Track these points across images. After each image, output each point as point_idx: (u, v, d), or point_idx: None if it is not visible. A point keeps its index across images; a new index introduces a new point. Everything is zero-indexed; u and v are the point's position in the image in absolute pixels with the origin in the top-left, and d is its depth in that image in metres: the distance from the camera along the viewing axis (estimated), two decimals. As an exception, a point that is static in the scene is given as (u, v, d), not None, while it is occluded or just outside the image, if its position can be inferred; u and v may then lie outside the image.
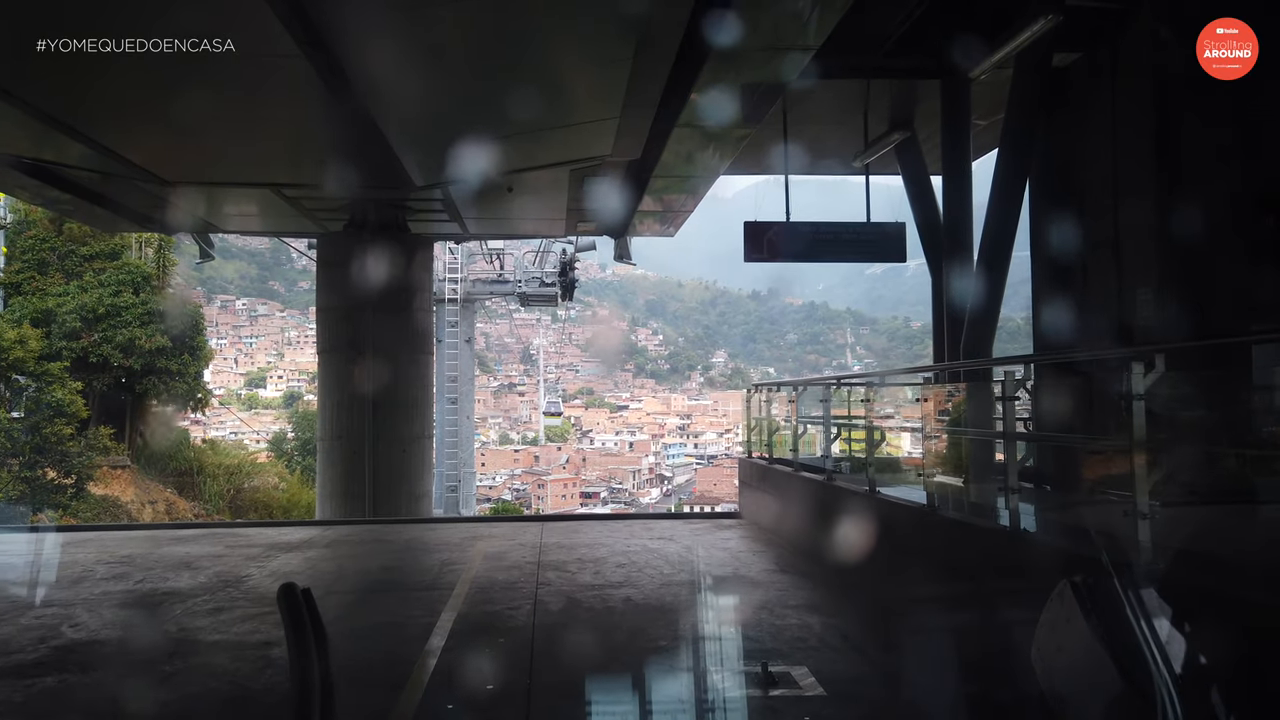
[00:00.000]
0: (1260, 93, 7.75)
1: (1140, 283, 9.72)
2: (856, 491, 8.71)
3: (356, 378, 15.40)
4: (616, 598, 7.95)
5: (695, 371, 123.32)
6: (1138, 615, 3.14)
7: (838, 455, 10.68)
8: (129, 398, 26.84)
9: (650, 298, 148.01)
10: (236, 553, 10.25)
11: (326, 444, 16.56)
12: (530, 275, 33.49)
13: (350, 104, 8.88)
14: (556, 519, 14.48)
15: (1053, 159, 11.18)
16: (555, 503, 74.65)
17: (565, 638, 6.85)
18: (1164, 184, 9.49)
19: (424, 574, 9.29)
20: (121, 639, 6.82)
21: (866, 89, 12.84)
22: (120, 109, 9.59)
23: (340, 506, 15.84)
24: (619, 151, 11.10)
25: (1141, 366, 4.54)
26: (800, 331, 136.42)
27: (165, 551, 10.33)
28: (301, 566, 9.49)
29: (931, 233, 13.32)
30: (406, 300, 16.19)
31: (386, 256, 15.48)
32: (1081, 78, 10.78)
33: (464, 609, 7.52)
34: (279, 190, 13.10)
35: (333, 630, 6.90)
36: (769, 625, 7.03)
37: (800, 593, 8.26)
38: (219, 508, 28.34)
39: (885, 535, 7.85)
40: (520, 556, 9.90)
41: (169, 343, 26.36)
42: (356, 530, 12.47)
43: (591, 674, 5.82)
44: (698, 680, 5.61)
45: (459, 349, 33.45)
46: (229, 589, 8.33)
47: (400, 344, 16.23)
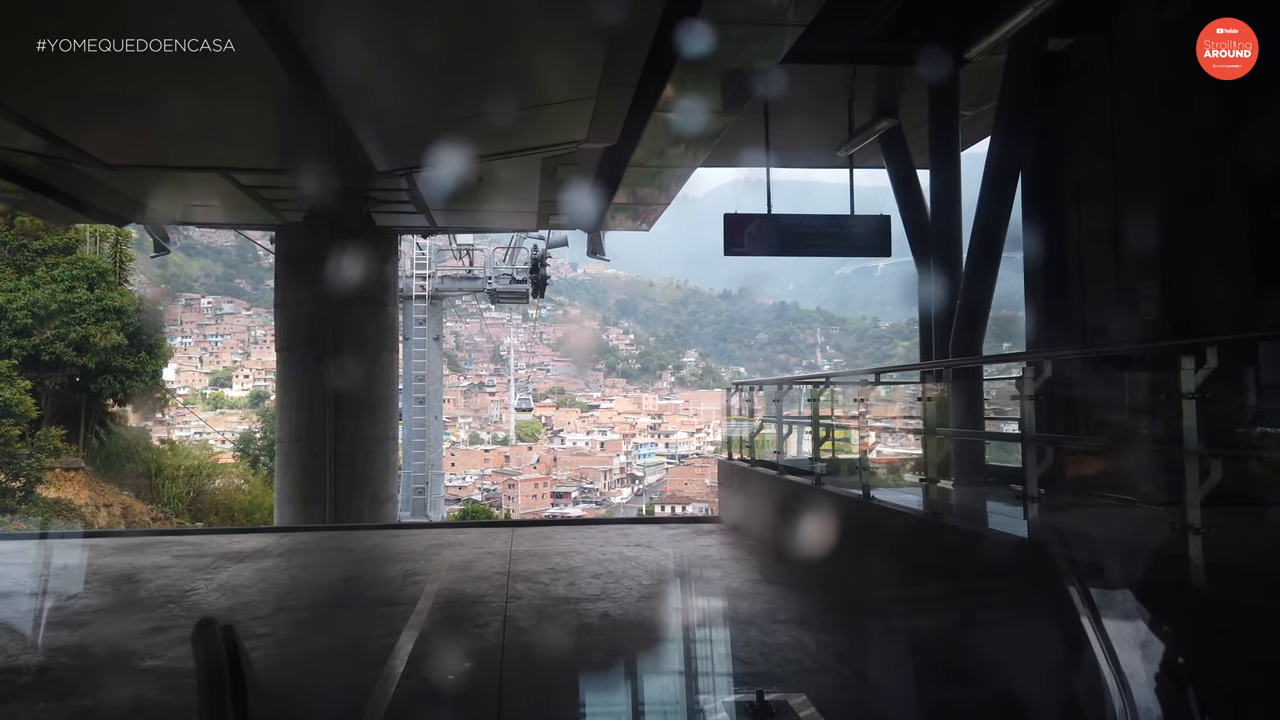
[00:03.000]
0: (1269, 80, 7.33)
1: (1142, 276, 9.26)
2: (848, 497, 8.19)
3: (317, 377, 14.66)
4: (593, 612, 7.37)
5: (666, 371, 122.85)
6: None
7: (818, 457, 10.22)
8: (84, 397, 26.05)
9: (621, 297, 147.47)
10: (183, 563, 9.56)
11: (285, 446, 15.79)
12: (501, 272, 32.73)
13: (305, 79, 8.23)
14: (527, 524, 13.86)
15: (1047, 148, 10.72)
16: (526, 502, 73.90)
17: (538, 660, 6.25)
18: (1167, 174, 9.03)
19: (385, 586, 8.64)
20: (41, 666, 6.14)
21: (852, 75, 12.35)
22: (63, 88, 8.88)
23: (299, 512, 15.09)
24: (595, 137, 10.49)
25: (1192, 361, 4.02)
26: (771, 331, 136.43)
27: (106, 562, 9.61)
28: (253, 578, 8.81)
29: (918, 226, 12.84)
30: (370, 295, 15.46)
31: (349, 250, 14.78)
32: (1078, 63, 10.32)
33: (427, 627, 6.90)
34: (231, 175, 12.36)
35: (282, 653, 6.29)
36: (759, 644, 6.47)
37: (789, 606, 7.72)
38: (178, 511, 27.52)
39: (880, 544, 7.33)
40: (489, 566, 9.30)
41: (125, 340, 25.65)
42: (315, 538, 11.78)
43: (566, 705, 5.25)
44: (688, 713, 5.04)
45: (427, 347, 32.62)
46: (170, 605, 7.65)
47: (364, 341, 15.50)
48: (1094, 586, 4.35)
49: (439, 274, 33.82)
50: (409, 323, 32.35)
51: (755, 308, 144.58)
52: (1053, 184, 10.68)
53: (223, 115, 9.59)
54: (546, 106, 9.36)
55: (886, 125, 11.97)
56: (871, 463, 7.96)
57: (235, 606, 7.61)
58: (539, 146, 11.04)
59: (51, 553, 10.25)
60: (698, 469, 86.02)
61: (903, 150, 13.20)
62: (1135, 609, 3.19)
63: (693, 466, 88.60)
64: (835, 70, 12.68)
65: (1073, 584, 4.59)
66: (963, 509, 7.07)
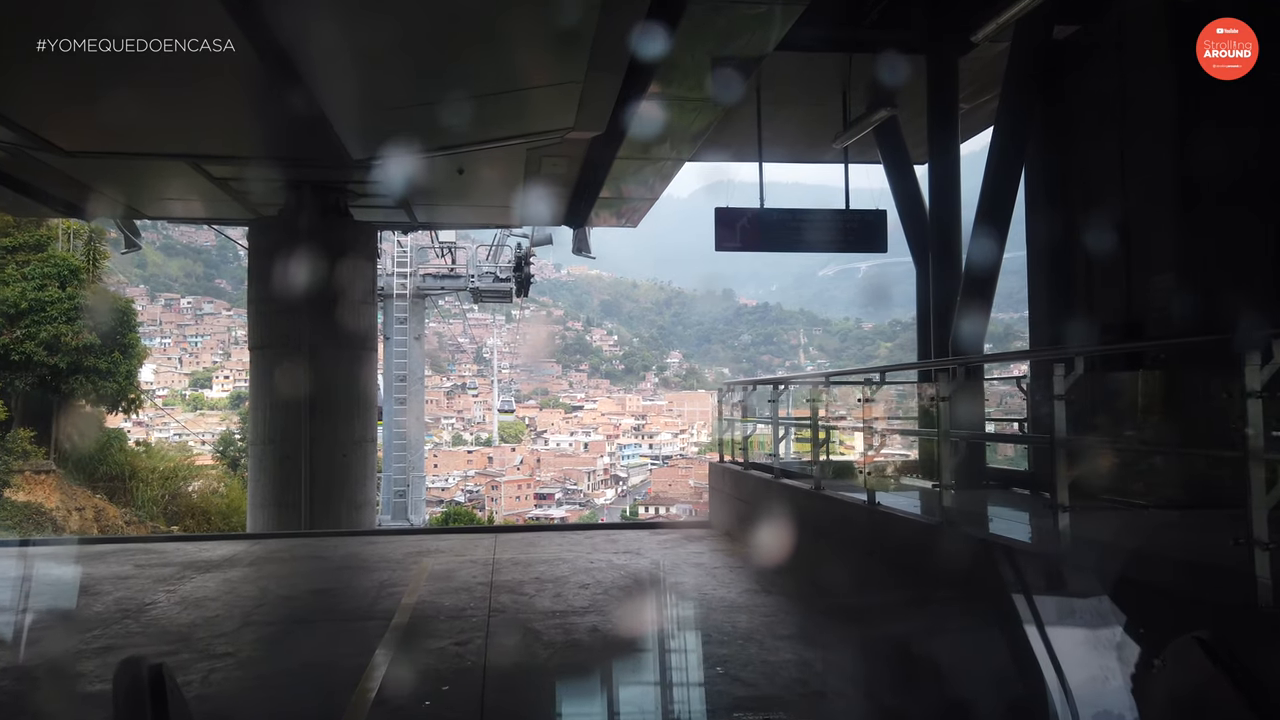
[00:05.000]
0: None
1: (1156, 270, 8.85)
2: (851, 502, 7.73)
3: (292, 376, 14.07)
4: (581, 628, 6.88)
5: (650, 372, 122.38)
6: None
7: (803, 459, 9.79)
8: (55, 398, 25.46)
9: (605, 298, 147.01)
10: (146, 573, 9.02)
11: (258, 449, 15.16)
12: (484, 270, 32.15)
13: (272, 58, 7.72)
14: (511, 530, 13.36)
15: (1052, 139, 10.32)
16: (509, 504, 73.27)
17: (523, 682, 5.78)
18: (1183, 163, 8.62)
19: (359, 599, 8.13)
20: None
21: (848, 63, 11.92)
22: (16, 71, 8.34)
23: (273, 518, 14.48)
24: (582, 124, 9.98)
25: (1258, 355, 3.58)
26: (754, 332, 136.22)
27: (62, 572, 9.08)
28: (218, 590, 8.28)
29: (915, 221, 12.40)
30: (348, 292, 14.87)
31: (326, 245, 14.20)
32: (1085, 49, 9.92)
33: (403, 644, 6.40)
34: (199, 166, 11.76)
35: (243, 675, 5.74)
36: (760, 663, 6.01)
37: (789, 619, 7.27)
38: (153, 514, 26.94)
39: (885, 554, 6.88)
40: (470, 576, 8.80)
41: (98, 340, 25.10)
42: (288, 545, 11.24)
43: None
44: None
45: (409, 347, 31.96)
46: (126, 621, 7.12)
47: (341, 340, 14.90)
48: (1141, 606, 3.92)
49: (421, 272, 33.21)
50: (390, 322, 31.76)
51: (738, 309, 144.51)
52: (1058, 174, 10.28)
53: (186, 99, 9.02)
54: (531, 90, 8.87)
55: (885, 115, 11.53)
56: (876, 466, 7.50)
57: (197, 622, 7.09)
58: (523, 135, 10.53)
59: (3, 562, 9.68)
60: (681, 470, 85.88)
61: (899, 143, 12.78)
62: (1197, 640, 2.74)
63: (676, 467, 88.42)
64: (830, 61, 12.29)
65: (1112, 599, 4.16)
66: (975, 516, 6.64)
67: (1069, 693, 3.29)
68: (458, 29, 7.50)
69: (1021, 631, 4.70)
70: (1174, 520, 6.05)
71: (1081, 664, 3.79)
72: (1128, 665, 3.34)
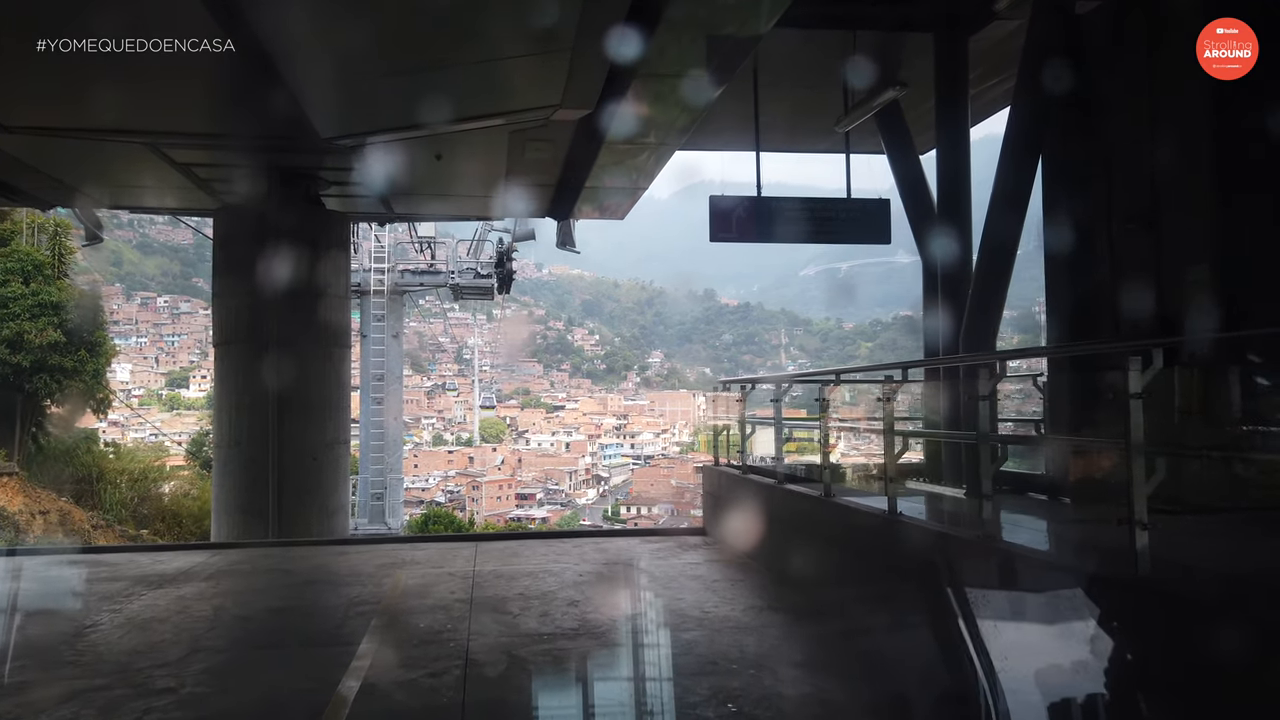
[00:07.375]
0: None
1: (1189, 260, 8.20)
2: (867, 511, 7.03)
3: (258, 375, 13.23)
4: (571, 653, 6.15)
5: (632, 371, 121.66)
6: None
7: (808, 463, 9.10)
8: (19, 397, 24.56)
9: (586, 297, 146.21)
10: (92, 589, 8.22)
11: (223, 451, 14.27)
12: (464, 266, 31.27)
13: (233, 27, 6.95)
14: (493, 538, 12.58)
15: (1073, 121, 9.65)
16: (490, 504, 72.38)
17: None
18: (1220, 146, 7.98)
19: (324, 619, 7.35)
20: None
21: (852, 39, 11.24)
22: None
23: (239, 525, 13.62)
24: (569, 101, 9.21)
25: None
26: (736, 332, 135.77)
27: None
28: (168, 610, 7.48)
29: (921, 210, 11.74)
30: (319, 286, 14.04)
31: (296, 235, 13.39)
32: (1111, 24, 9.25)
33: (370, 676, 5.64)
34: (159, 149, 10.94)
35: (183, 717, 5.00)
36: (775, 698, 5.30)
37: (802, 643, 6.59)
38: (121, 518, 25.97)
39: (911, 571, 6.17)
40: (448, 591, 8.05)
41: (63, 337, 24.29)
42: (253, 555, 10.43)
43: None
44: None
45: (386, 345, 31.03)
46: (60, 648, 6.31)
47: (311, 336, 14.07)
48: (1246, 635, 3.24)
49: (399, 268, 32.29)
50: (367, 319, 30.83)
51: (720, 309, 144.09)
52: (1080, 159, 9.62)
53: (141, 68, 8.17)
54: (515, 59, 8.10)
55: (892, 95, 10.87)
56: (888, 470, 6.80)
57: (138, 649, 6.30)
58: (507, 112, 9.75)
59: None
60: (663, 470, 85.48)
61: (902, 129, 12.11)
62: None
63: (658, 467, 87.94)
64: (832, 40, 11.60)
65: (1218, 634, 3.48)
66: (1012, 526, 5.94)
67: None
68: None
69: (1113, 669, 4.01)
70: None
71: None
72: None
